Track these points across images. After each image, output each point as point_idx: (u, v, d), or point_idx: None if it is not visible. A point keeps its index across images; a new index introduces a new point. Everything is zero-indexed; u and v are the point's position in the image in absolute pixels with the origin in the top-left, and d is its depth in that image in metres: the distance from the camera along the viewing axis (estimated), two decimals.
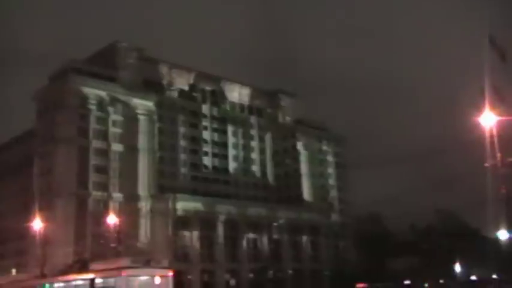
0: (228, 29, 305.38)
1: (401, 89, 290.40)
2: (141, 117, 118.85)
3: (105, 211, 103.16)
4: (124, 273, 35.30)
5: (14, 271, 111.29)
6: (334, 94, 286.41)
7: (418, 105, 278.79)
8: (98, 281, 36.54)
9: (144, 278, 36.88)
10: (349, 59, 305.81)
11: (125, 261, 37.01)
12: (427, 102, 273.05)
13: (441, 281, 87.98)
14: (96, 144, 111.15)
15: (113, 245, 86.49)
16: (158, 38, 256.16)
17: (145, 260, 39.46)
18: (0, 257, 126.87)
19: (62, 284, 39.45)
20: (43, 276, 48.44)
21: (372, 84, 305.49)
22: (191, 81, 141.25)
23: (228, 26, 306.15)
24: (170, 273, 38.64)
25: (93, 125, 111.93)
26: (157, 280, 36.71)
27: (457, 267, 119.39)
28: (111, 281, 35.33)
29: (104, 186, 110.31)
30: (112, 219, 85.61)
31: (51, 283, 42.63)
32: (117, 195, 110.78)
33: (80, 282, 37.65)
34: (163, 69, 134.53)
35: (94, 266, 42.18)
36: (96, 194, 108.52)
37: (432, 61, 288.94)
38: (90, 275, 38.04)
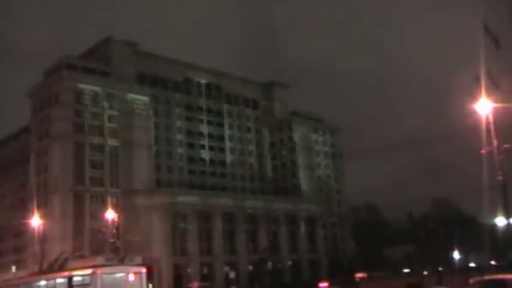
0: (219, 23, 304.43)
1: (393, 79, 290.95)
2: (137, 112, 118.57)
3: (102, 206, 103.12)
4: (98, 271, 37.33)
5: (13, 268, 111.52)
6: (325, 86, 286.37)
7: (412, 95, 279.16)
8: (75, 278, 38.60)
9: (118, 275, 38.76)
10: (339, 51, 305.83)
11: (99, 260, 39.59)
12: (421, 91, 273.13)
13: (440, 269, 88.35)
14: (92, 139, 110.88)
15: (111, 240, 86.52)
16: (151, 32, 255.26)
17: (120, 257, 41.75)
18: None
19: (44, 282, 41.72)
20: (42, 272, 49.21)
21: (363, 75, 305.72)
22: (186, 75, 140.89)
23: (219, 20, 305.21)
24: (143, 270, 40.21)
25: (88, 120, 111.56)
26: (131, 277, 38.57)
27: (456, 255, 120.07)
28: (87, 278, 37.33)
29: (100, 182, 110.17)
30: (110, 215, 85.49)
31: (32, 282, 44.28)
32: (114, 191, 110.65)
33: (60, 280, 39.64)
34: (158, 63, 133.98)
35: (72, 264, 44.17)
36: (93, 189, 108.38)
37: (424, 50, 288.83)
38: (68, 273, 40.17)
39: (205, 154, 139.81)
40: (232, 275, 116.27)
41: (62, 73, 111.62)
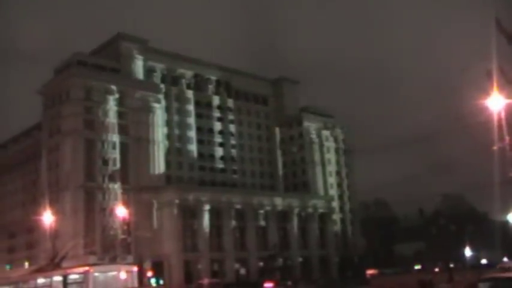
0: (227, 20, 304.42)
1: (403, 75, 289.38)
2: (147, 109, 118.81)
3: (113, 203, 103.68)
4: (91, 269, 39.33)
5: (26, 264, 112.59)
6: (335, 82, 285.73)
7: (422, 91, 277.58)
8: (70, 277, 40.62)
9: (110, 273, 40.61)
10: (348, 47, 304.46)
11: (92, 259, 42.29)
12: (431, 88, 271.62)
13: (451, 265, 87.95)
14: (103, 136, 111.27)
15: (122, 236, 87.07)
16: (160, 29, 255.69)
17: (111, 257, 44.72)
18: (11, 250, 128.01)
19: (41, 280, 43.84)
20: (39, 270, 51.51)
21: (372, 72, 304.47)
22: (196, 72, 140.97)
23: (227, 17, 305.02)
24: (135, 269, 42.02)
25: (99, 117, 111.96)
26: (123, 275, 40.05)
27: (467, 251, 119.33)
28: (81, 277, 39.38)
29: (111, 178, 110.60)
30: (120, 211, 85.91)
31: (30, 279, 47.04)
32: (125, 187, 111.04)
33: (56, 279, 41.85)
34: (168, 60, 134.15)
35: (67, 263, 47.34)
36: (104, 186, 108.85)
37: (435, 46, 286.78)
38: (63, 272, 42.40)
39: (216, 151, 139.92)
40: (242, 271, 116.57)
41: (73, 70, 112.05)
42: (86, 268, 40.24)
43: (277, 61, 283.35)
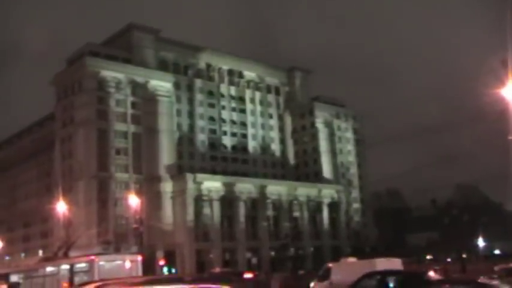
0: (238, 10, 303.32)
1: (416, 66, 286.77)
2: (159, 99, 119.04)
3: (126, 192, 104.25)
4: (96, 259, 40.60)
5: (40, 252, 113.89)
6: (343, 74, 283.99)
7: (435, 81, 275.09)
8: (77, 265, 42.01)
9: (115, 262, 41.81)
10: (357, 40, 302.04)
11: (97, 249, 43.55)
12: (444, 77, 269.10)
13: (464, 256, 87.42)
14: (115, 126, 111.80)
15: (134, 225, 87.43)
16: (171, 19, 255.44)
17: (116, 247, 46.45)
18: (26, 239, 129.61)
19: (52, 268, 45.50)
20: (46, 259, 53.37)
21: (381, 64, 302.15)
22: (207, 61, 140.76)
23: (238, 7, 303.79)
24: (139, 258, 43.06)
25: (111, 107, 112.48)
26: (128, 264, 41.09)
27: (480, 242, 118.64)
28: (86, 265, 40.70)
29: (124, 168, 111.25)
30: (133, 201, 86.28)
31: (39, 268, 48.62)
32: (138, 177, 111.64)
33: (63, 267, 43.41)
34: (180, 50, 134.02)
35: (73, 253, 49.60)
36: (116, 175, 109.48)
37: (447, 37, 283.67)
38: (70, 261, 43.95)
39: (227, 140, 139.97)
40: (254, 260, 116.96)
41: (85, 61, 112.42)
42: (92, 257, 41.48)
43: (288, 52, 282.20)
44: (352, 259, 44.30)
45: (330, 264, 41.21)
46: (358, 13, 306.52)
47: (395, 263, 36.11)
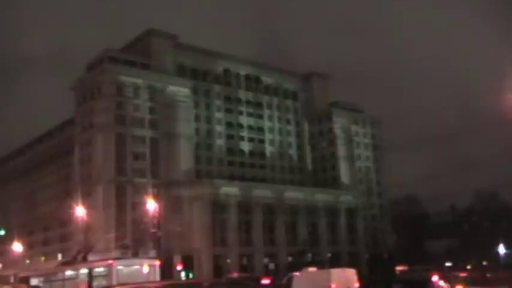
0: (256, 16, 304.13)
1: (431, 72, 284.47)
2: (177, 104, 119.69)
3: (144, 197, 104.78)
4: (115, 263, 40.85)
5: (59, 256, 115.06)
6: (361, 80, 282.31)
7: (451, 87, 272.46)
8: (95, 270, 42.54)
9: (133, 267, 42.08)
10: (373, 47, 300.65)
11: (115, 253, 44.19)
12: (460, 83, 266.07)
13: (484, 263, 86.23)
14: (133, 131, 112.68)
15: (152, 230, 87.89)
16: (189, 25, 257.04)
17: (134, 251, 47.08)
18: (45, 243, 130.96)
19: (71, 272, 46.34)
20: (66, 263, 54.06)
21: (397, 69, 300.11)
22: (225, 67, 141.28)
23: (255, 13, 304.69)
24: (157, 263, 43.23)
25: (130, 112, 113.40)
26: (146, 269, 41.37)
27: (501, 249, 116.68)
28: (105, 270, 41.07)
29: (142, 173, 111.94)
30: (151, 205, 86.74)
31: (58, 272, 49.65)
32: (155, 182, 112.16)
33: (82, 271, 44.06)
34: (198, 55, 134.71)
35: (91, 257, 50.08)
36: (134, 180, 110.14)
37: (460, 42, 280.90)
38: (89, 265, 44.54)
39: (245, 146, 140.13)
40: (271, 266, 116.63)
41: (104, 66, 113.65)
42: (110, 261, 41.72)
43: (306, 58, 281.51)
44: (312, 269, 45.41)
45: (293, 274, 41.93)
46: (377, 24, 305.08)
47: (349, 273, 37.12)
